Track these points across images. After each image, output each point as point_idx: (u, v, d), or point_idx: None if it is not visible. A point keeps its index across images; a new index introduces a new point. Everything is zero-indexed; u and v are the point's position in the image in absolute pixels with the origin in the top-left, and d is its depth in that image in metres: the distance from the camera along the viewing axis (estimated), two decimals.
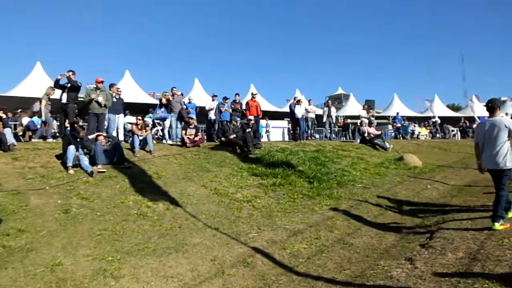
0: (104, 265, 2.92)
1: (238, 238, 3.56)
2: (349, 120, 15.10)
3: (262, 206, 4.53)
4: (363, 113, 10.92)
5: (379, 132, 9.64)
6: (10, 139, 5.41)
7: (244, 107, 9.15)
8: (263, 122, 11.37)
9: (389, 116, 18.96)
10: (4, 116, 6.16)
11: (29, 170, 4.75)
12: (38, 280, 2.64)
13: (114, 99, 7.00)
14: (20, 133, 7.02)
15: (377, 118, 14.60)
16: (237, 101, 9.02)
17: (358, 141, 9.46)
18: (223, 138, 7.34)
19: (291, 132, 11.14)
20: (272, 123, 12.66)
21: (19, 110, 9.70)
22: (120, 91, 7.56)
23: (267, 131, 12.14)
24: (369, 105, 12.76)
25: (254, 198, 4.77)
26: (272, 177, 5.54)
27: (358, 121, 10.69)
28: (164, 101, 7.87)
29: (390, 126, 15.13)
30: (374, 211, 4.49)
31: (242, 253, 3.26)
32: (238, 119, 8.43)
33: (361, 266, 2.92)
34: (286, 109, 15.17)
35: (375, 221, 4.07)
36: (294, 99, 9.85)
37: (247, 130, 7.26)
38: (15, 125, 7.71)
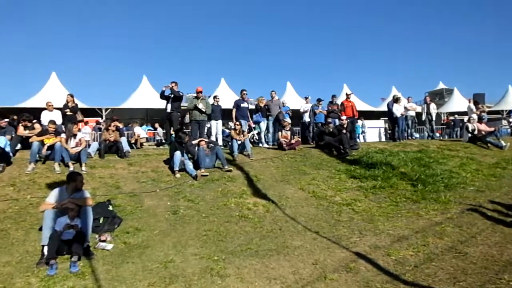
0: (210, 264, 4.70)
1: (339, 242, 5.36)
2: (456, 117, 22.30)
3: (362, 210, 6.73)
4: (472, 108, 15.20)
5: (491, 129, 13.29)
6: (126, 146, 9.20)
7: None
8: (359, 123, 17.65)
9: (502, 111, 28.09)
10: (121, 126, 10.46)
11: (142, 174, 8.05)
12: (154, 275, 4.63)
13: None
14: (133, 141, 11.40)
15: (488, 113, 19.46)
16: (334, 102, 14.15)
17: (467, 139, 13.33)
18: (320, 141, 11.29)
19: (388, 132, 17.14)
20: (368, 123, 19.75)
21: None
22: (218, 99, 12.58)
23: (363, 132, 19.20)
24: (478, 99, 18.98)
25: (354, 201, 7.15)
26: (372, 180, 8.27)
27: (465, 118, 15.98)
28: (261, 105, 12.50)
29: (504, 122, 22.00)
30: (491, 217, 6.10)
31: (344, 257, 4.87)
32: (336, 120, 12.95)
33: (479, 278, 4.08)
34: (382, 108, 23.59)
35: (493, 229, 5.59)
36: (393, 97, 14.32)
37: (343, 131, 10.90)
38: (128, 133, 12.56)
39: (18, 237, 5.41)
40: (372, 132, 19.05)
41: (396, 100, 13.79)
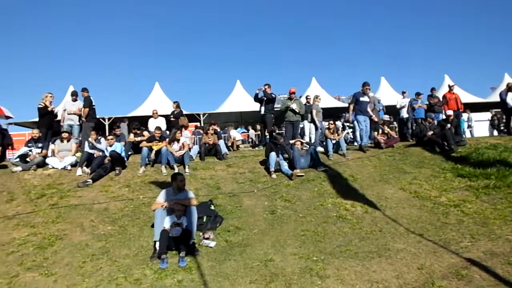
0: (309, 264, 4.73)
1: (447, 247, 5.02)
2: None
3: (473, 212, 6.24)
4: None
5: None
6: (224, 149, 9.68)
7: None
8: (464, 116, 16.69)
9: None
10: (218, 129, 11.02)
11: (240, 175, 8.37)
12: (255, 273, 4.80)
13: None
14: (230, 144, 11.94)
15: None
16: (434, 95, 13.40)
17: None
18: (421, 138, 10.64)
19: (497, 125, 16.46)
20: (475, 116, 18.61)
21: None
22: (310, 98, 12.79)
23: (469, 126, 18.03)
24: None
25: (463, 202, 6.65)
26: (484, 178, 7.54)
27: None
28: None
29: None
30: None
31: (454, 263, 4.56)
32: (440, 115, 12.63)
33: None
34: (492, 98, 22.48)
35: None
36: (507, 85, 12.81)
37: (447, 126, 10.24)
38: (224, 136, 13.19)
39: (134, 233, 6.01)
40: (481, 126, 17.68)
41: (510, 88, 12.36)
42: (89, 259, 5.22)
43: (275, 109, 11.99)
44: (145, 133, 10.36)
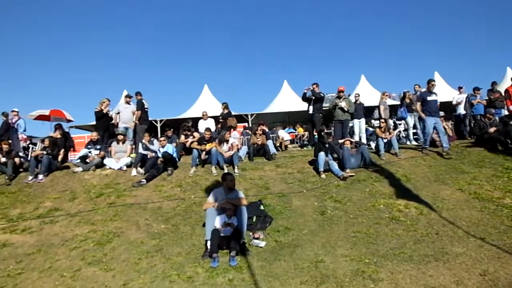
0: (361, 267, 4.61)
1: None
2: None
3: None
4: None
5: None
6: (272, 149, 9.69)
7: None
8: None
9: None
10: (267, 129, 11.08)
11: (289, 176, 8.33)
12: (305, 274, 4.76)
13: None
14: (278, 144, 11.93)
15: None
16: (495, 89, 12.49)
17: None
18: (481, 135, 10.08)
19: None
20: None
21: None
22: (358, 97, 12.63)
23: None
24: None
25: None
26: None
27: None
28: (408, 100, 12.00)
29: None
30: None
31: None
32: (502, 110, 11.85)
33: None
34: None
35: None
36: None
37: (510, 123, 9.50)
38: (272, 137, 13.21)
39: (186, 231, 6.18)
40: None
41: None
42: (144, 256, 5.44)
43: (324, 108, 11.83)
44: (196, 134, 10.62)
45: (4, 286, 5.01)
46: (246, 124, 19.14)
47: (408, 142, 11.50)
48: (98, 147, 9.63)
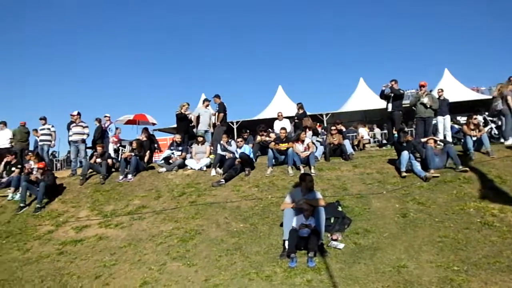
0: (449, 274, 4.33)
1: None
2: None
3: None
4: None
5: None
6: (349, 149, 9.46)
7: None
8: None
9: None
10: (343, 129, 10.84)
11: (367, 176, 8.05)
12: (387, 278, 4.58)
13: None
14: (356, 143, 11.62)
15: None
16: None
17: None
18: None
19: None
20: None
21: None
22: (442, 92, 11.65)
23: None
24: None
25: None
26: None
27: None
28: (496, 94, 10.57)
29: None
30: None
31: None
32: None
33: None
34: None
35: None
36: None
37: None
38: (349, 136, 12.87)
39: (264, 231, 6.26)
40: None
41: None
42: (224, 254, 5.63)
43: (404, 105, 11.24)
44: (272, 134, 10.73)
45: (101, 275, 5.53)
46: (321, 124, 18.93)
47: (502, 140, 10.25)
48: (180, 148, 10.16)
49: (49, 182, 8.83)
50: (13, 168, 10.34)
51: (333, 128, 10.46)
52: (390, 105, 10.70)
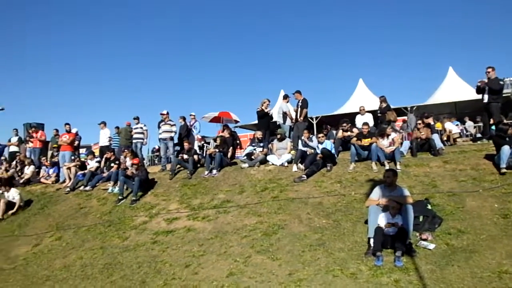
0: None
1: None
2: None
3: None
4: None
5: None
6: (438, 143, 8.86)
7: None
8: None
9: None
10: (431, 122, 10.16)
11: (460, 173, 7.46)
12: (485, 284, 4.23)
13: None
14: (445, 138, 10.85)
15: None
16: None
17: None
18: None
19: None
20: None
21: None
22: None
23: None
24: None
25: None
26: None
27: None
28: None
29: None
30: None
31: None
32: None
33: None
34: None
35: None
36: None
37: None
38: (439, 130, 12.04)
39: (347, 227, 6.13)
40: None
41: None
42: (307, 249, 5.63)
43: (505, 94, 10.10)
44: (354, 129, 10.44)
45: (190, 264, 5.86)
46: (406, 118, 17.95)
47: None
48: (261, 144, 10.35)
49: (143, 177, 9.57)
50: (112, 164, 11.35)
51: (419, 122, 9.87)
52: (486, 96, 9.68)
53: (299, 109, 11.15)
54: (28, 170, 12.89)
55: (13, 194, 10.38)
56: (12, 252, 8.00)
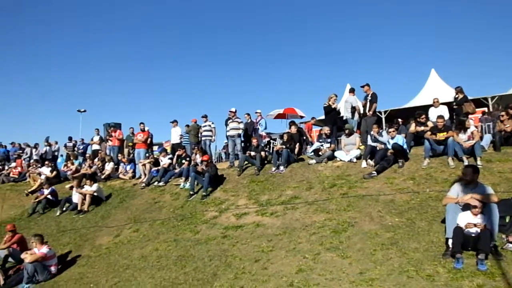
0: None
1: None
2: None
3: None
4: None
5: None
6: None
7: None
8: None
9: None
10: None
11: None
12: None
13: None
14: None
15: None
16: None
17: None
18: None
19: None
20: None
21: None
22: None
23: None
24: None
25: None
26: None
27: None
28: None
29: None
30: None
31: None
32: None
33: None
34: None
35: None
36: None
37: None
38: None
39: (422, 226, 5.83)
40: None
41: None
42: (379, 248, 5.44)
43: None
44: (429, 123, 9.85)
45: (260, 259, 5.94)
46: (485, 109, 16.58)
47: None
48: (329, 140, 10.17)
49: (213, 173, 9.87)
50: (183, 161, 11.85)
51: (503, 113, 9.05)
52: None
53: (368, 103, 10.81)
54: (108, 167, 13.94)
55: (96, 189, 11.28)
56: (96, 241, 8.70)
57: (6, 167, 17.20)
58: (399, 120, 11.35)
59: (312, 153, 10.09)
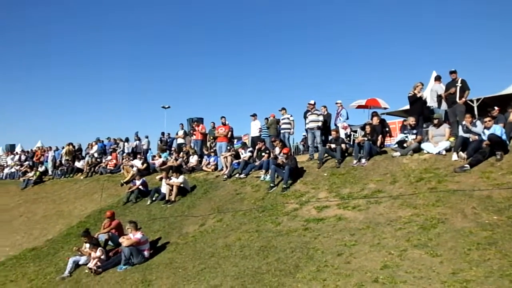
0: None
1: None
2: None
3: None
4: None
5: None
6: None
7: None
8: None
9: None
10: None
11: None
12: None
13: None
14: None
15: None
16: None
17: None
18: None
19: None
20: None
21: None
22: None
23: None
24: None
25: None
26: None
27: None
28: None
29: None
30: None
31: None
32: None
33: None
34: None
35: None
36: None
37: None
38: None
39: None
40: None
41: None
42: (475, 247, 5.04)
43: None
44: None
45: (342, 253, 5.86)
46: None
47: None
48: (415, 131, 9.62)
49: (293, 165, 9.90)
50: (263, 154, 12.04)
51: None
52: None
53: (457, 90, 10.03)
54: (193, 159, 14.71)
55: (183, 180, 11.93)
56: (183, 229, 9.24)
57: (104, 160, 19.01)
58: (496, 108, 10.29)
59: (396, 145, 9.63)
